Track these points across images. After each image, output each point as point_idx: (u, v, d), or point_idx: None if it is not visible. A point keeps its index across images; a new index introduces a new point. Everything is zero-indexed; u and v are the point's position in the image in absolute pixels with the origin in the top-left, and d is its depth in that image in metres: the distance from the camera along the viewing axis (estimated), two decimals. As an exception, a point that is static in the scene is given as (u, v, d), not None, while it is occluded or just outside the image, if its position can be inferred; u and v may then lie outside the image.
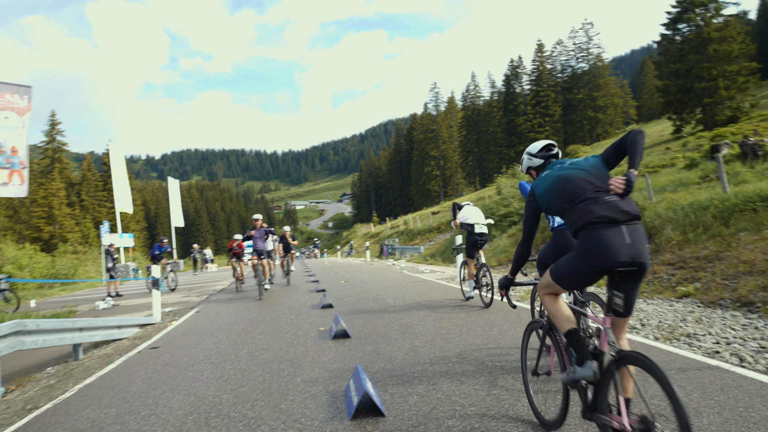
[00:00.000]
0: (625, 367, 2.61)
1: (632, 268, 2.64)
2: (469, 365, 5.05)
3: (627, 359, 2.57)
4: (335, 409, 4.13)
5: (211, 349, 6.85)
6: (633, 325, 6.49)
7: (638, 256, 2.62)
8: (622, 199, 2.73)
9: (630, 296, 2.72)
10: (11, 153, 15.97)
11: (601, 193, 2.79)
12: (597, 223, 2.67)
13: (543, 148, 3.75)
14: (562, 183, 2.98)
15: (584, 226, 2.72)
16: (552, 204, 3.02)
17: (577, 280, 2.90)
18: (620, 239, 2.62)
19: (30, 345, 6.17)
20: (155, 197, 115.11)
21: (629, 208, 2.70)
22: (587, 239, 2.71)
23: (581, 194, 2.85)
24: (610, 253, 2.61)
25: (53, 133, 53.49)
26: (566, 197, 2.91)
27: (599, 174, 2.92)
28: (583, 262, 2.75)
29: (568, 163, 3.14)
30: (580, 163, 3.08)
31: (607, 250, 2.62)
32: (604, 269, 2.69)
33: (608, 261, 2.62)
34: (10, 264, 25.69)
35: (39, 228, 44.27)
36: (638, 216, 2.71)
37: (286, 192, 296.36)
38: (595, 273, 2.73)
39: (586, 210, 2.75)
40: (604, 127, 61.86)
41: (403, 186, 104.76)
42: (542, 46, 69.25)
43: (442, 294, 10.65)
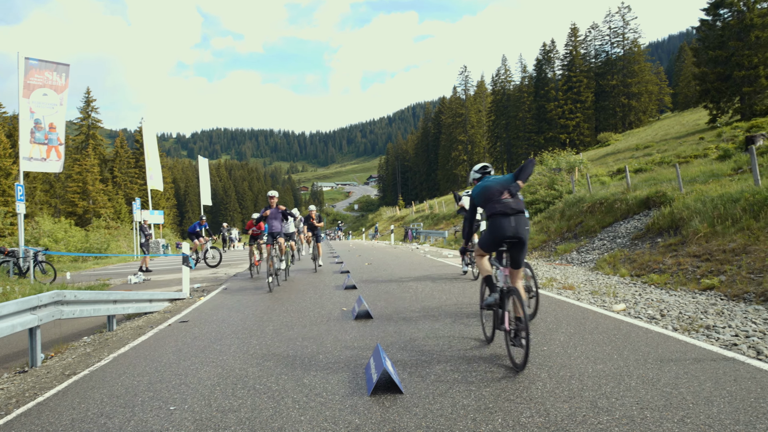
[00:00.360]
0: (512, 297, 4.56)
1: (515, 240, 4.70)
2: (488, 349, 5.17)
3: (510, 292, 4.59)
4: (355, 385, 4.30)
5: (237, 325, 7.10)
6: (652, 315, 6.52)
7: (518, 234, 4.65)
8: (513, 199, 4.73)
9: (517, 257, 4.81)
10: (49, 129, 16.46)
11: (502, 196, 4.77)
12: (495, 215, 4.73)
13: (481, 168, 5.51)
14: (484, 190, 4.97)
15: (490, 216, 4.77)
16: (478, 202, 4.95)
17: (488, 246, 4.99)
18: (508, 224, 4.65)
19: (68, 315, 6.50)
20: (185, 175, 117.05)
21: (516, 206, 4.70)
22: (490, 223, 4.77)
23: (491, 197, 4.83)
24: (501, 232, 4.67)
25: (88, 110, 54.75)
26: (484, 198, 4.90)
27: (507, 184, 4.85)
28: (490, 236, 4.80)
29: (491, 178, 5.08)
30: (499, 177, 5.01)
31: (499, 230, 4.68)
32: (499, 241, 4.75)
33: (501, 236, 4.69)
34: (46, 237, 26.60)
35: (74, 203, 45.59)
36: (522, 211, 4.71)
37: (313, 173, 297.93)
38: (496, 243, 4.82)
39: (492, 207, 4.77)
40: (637, 115, 60.43)
41: (430, 170, 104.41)
42: (576, 30, 67.74)
43: (465, 280, 10.74)
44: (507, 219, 4.65)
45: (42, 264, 15.69)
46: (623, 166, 19.21)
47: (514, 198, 4.74)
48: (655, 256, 10.57)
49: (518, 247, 4.74)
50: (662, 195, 13.22)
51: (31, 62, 15.79)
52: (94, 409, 4.15)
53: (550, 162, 24.46)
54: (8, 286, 10.59)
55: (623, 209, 14.40)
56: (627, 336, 5.41)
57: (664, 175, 16.00)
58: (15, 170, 35.88)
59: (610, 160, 29.52)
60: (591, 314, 6.62)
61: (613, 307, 7.07)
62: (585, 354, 4.81)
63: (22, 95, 15.53)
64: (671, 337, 5.35)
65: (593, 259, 12.76)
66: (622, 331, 5.65)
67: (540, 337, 5.50)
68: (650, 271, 9.97)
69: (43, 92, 16.21)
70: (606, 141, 48.48)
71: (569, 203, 17.89)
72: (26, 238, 23.87)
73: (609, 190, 16.42)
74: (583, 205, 16.64)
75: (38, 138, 16.01)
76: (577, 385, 4.00)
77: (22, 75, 15.46)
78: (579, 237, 15.20)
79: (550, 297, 8.06)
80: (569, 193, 19.71)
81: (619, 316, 6.48)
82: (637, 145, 32.03)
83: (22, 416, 4.15)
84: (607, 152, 35.74)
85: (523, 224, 4.66)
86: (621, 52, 63.39)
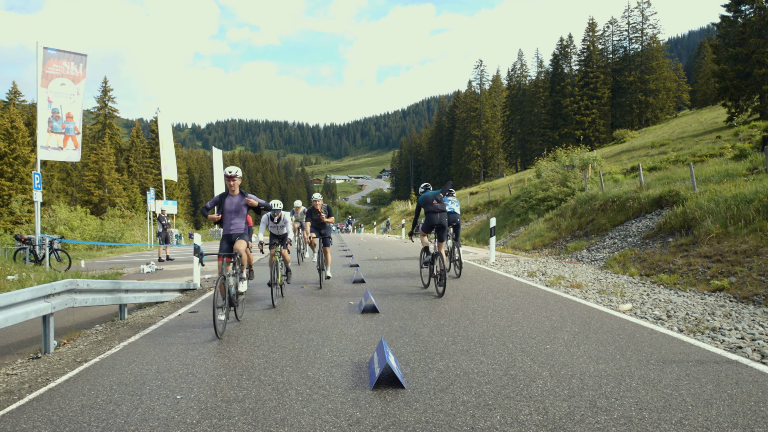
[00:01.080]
0: (437, 258, 8.26)
1: (439, 226, 8.57)
2: (490, 346, 5.21)
3: (437, 255, 8.28)
4: (358, 379, 4.37)
5: (246, 317, 7.20)
6: (659, 316, 6.50)
7: (441, 223, 8.55)
8: (439, 204, 8.66)
9: (441, 235, 8.61)
10: (66, 119, 16.68)
11: (434, 202, 8.67)
12: (429, 212, 8.64)
13: (424, 186, 9.45)
14: (425, 198, 8.85)
15: (427, 213, 8.69)
16: (422, 205, 8.87)
17: (426, 229, 8.70)
18: (435, 217, 8.55)
19: (81, 303, 6.63)
20: (199, 166, 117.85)
21: (441, 207, 8.62)
22: (427, 217, 8.70)
23: (428, 202, 8.72)
24: (432, 222, 8.59)
25: (105, 100, 55.35)
26: (424, 203, 8.79)
27: (435, 195, 8.78)
28: (426, 224, 8.67)
29: (429, 192, 8.95)
30: (432, 191, 8.91)
31: (431, 221, 8.59)
32: (431, 226, 8.61)
33: (431, 224, 8.60)
34: (62, 225, 27.01)
35: (89, 191, 46.17)
36: (443, 210, 8.63)
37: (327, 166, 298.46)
38: (430, 227, 8.63)
39: (428, 207, 8.70)
40: (654, 112, 59.69)
41: (443, 164, 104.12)
42: (594, 25, 66.98)
43: (473, 275, 10.76)
44: (435, 215, 8.64)
45: (57, 252, 15.95)
46: (637, 164, 19.05)
47: (440, 203, 8.74)
48: (665, 255, 10.51)
49: (441, 230, 8.67)
50: (675, 194, 13.12)
51: (50, 52, 16.00)
52: (104, 396, 4.25)
53: (563, 158, 24.31)
54: (24, 273, 10.80)
55: (635, 208, 14.31)
56: (631, 336, 5.42)
57: (678, 174, 15.85)
58: (33, 158, 36.40)
59: (624, 158, 29.26)
60: (597, 314, 6.62)
61: (619, 307, 7.06)
62: (588, 353, 4.83)
63: (41, 85, 15.74)
64: (676, 338, 5.35)
65: (603, 257, 12.71)
66: (627, 331, 5.66)
67: (543, 336, 5.52)
68: (660, 270, 9.93)
69: (60, 82, 16.42)
70: (621, 138, 48.02)
71: (581, 201, 17.80)
72: (43, 226, 24.26)
73: (622, 189, 16.31)
74: (595, 203, 16.55)
75: (56, 127, 16.24)
76: (577, 384, 4.03)
77: (41, 65, 15.67)
78: (590, 235, 15.13)
79: (557, 295, 8.07)
80: (582, 190, 19.60)
81: (624, 316, 6.48)
82: (652, 142, 31.70)
83: (34, 401, 4.27)
84: (622, 149, 35.41)
85: (444, 217, 8.66)
86: (639, 47, 62.60)
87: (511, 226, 23.05)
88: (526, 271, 11.28)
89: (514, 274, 10.97)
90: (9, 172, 37.55)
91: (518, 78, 79.61)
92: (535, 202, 22.22)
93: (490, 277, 10.39)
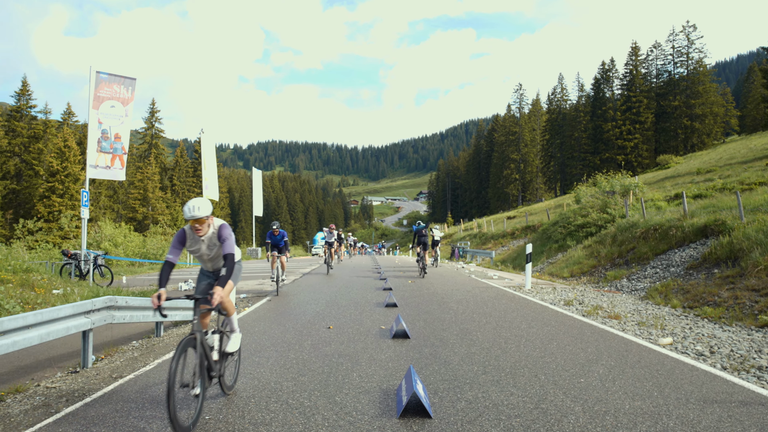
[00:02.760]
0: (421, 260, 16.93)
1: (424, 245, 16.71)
2: (522, 377, 5.09)
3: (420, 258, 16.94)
4: (385, 407, 4.33)
5: (277, 338, 7.25)
6: (701, 351, 6.24)
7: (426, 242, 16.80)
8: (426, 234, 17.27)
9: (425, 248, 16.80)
10: (114, 139, 17.37)
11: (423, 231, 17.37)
12: (419, 236, 17.30)
13: (419, 221, 18.94)
14: (417, 230, 17.90)
15: (418, 237, 17.46)
16: (415, 233, 18.08)
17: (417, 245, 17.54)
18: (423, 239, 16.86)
19: (119, 319, 6.82)
20: (240, 185, 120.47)
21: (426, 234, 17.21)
22: (417, 239, 17.52)
23: (420, 233, 17.30)
24: (420, 240, 17.04)
25: (152, 120, 57.36)
26: (417, 234, 17.67)
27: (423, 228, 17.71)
28: (417, 242, 17.42)
29: (421, 225, 18.02)
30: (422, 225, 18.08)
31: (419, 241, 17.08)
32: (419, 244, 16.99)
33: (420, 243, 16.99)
34: (107, 241, 27.93)
35: (134, 209, 47.70)
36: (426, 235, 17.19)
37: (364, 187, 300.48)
38: (418, 244, 17.14)
39: (419, 233, 17.47)
40: (700, 137, 58.01)
41: (481, 188, 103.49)
42: (637, 49, 65.98)
43: (507, 302, 10.59)
44: (424, 237, 16.85)
45: (101, 267, 16.48)
46: (681, 191, 18.49)
47: (426, 234, 17.06)
48: (710, 287, 10.12)
49: (425, 246, 16.65)
50: (721, 223, 12.66)
51: (102, 76, 16.76)
52: (136, 413, 4.34)
53: (603, 184, 23.83)
54: (69, 288, 11.18)
55: (679, 237, 13.86)
56: (670, 372, 5.22)
57: (725, 203, 15.31)
58: (83, 176, 37.92)
59: (668, 185, 28.48)
60: (635, 347, 6.41)
61: (659, 341, 6.82)
62: (623, 389, 4.66)
63: (92, 107, 16.48)
64: (718, 376, 5.12)
65: (644, 287, 12.33)
66: (666, 366, 5.45)
67: (578, 369, 5.37)
68: (704, 303, 9.55)
69: (110, 104, 17.15)
70: (665, 164, 46.80)
71: (622, 228, 17.37)
72: (89, 242, 25.12)
73: (664, 216, 15.84)
74: (636, 231, 16.12)
75: (104, 147, 16.92)
76: (611, 421, 3.89)
77: (93, 88, 16.42)
78: (630, 264, 14.72)
79: (594, 326, 7.85)
80: (622, 217, 19.13)
81: (664, 350, 6.25)
82: (698, 169, 30.79)
83: (70, 416, 4.38)
84: (666, 175, 34.50)
85: (428, 239, 17.98)
86: (684, 72, 61.26)
87: (549, 252, 22.64)
88: (563, 300, 11.03)
89: (550, 302, 10.74)
90: (60, 189, 39.22)
91: (558, 102, 78.85)
92: (574, 228, 21.79)
93: (525, 305, 10.19)
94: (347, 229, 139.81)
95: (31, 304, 9.15)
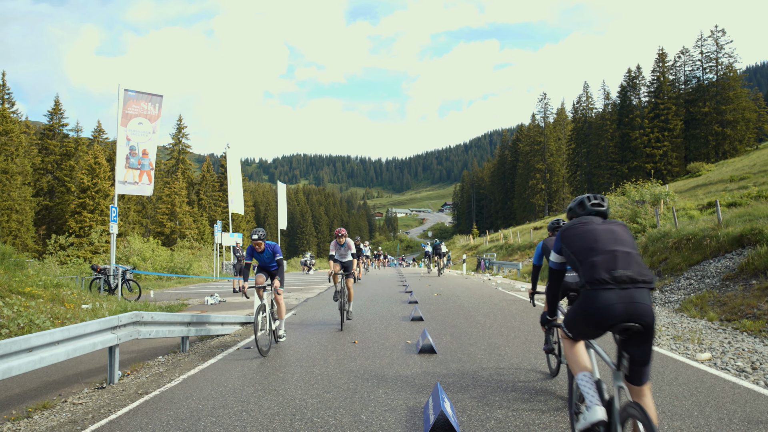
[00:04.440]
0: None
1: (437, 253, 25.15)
2: (554, 395, 4.91)
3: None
4: (412, 425, 4.20)
5: (302, 353, 7.18)
6: (742, 367, 5.96)
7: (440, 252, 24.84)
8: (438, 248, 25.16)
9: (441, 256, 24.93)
10: (142, 155, 17.68)
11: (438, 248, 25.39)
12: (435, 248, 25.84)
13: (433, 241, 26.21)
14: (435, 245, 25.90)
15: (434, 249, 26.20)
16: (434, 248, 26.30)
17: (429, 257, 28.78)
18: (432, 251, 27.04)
19: (144, 335, 6.83)
20: (265, 199, 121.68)
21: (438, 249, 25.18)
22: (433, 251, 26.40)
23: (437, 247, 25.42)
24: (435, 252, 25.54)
25: (179, 136, 58.44)
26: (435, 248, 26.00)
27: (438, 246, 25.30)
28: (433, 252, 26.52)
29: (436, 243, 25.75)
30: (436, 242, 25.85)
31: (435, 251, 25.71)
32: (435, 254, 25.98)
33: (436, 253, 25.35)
34: (135, 255, 28.37)
35: (162, 223, 48.47)
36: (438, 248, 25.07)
37: (388, 199, 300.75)
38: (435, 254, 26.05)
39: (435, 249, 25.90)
40: (732, 144, 56.56)
41: (506, 198, 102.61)
42: (664, 55, 64.93)
43: (536, 315, 10.35)
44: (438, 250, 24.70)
45: (129, 282, 16.69)
46: (714, 199, 17.97)
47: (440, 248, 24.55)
48: (748, 299, 9.73)
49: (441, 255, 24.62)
50: (758, 232, 12.21)
51: (130, 94, 17.10)
52: (160, 431, 4.29)
53: (632, 193, 23.35)
54: (97, 303, 11.32)
55: (713, 246, 13.42)
56: (711, 390, 4.97)
57: (762, 211, 14.80)
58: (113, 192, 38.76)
59: (700, 193, 27.78)
60: (671, 362, 6.15)
61: (696, 356, 6.54)
62: (661, 408, 4.45)
63: (121, 124, 16.80)
64: (762, 394, 4.86)
65: (678, 299, 11.94)
66: (706, 384, 5.20)
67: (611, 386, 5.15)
68: (743, 316, 9.18)
69: (138, 121, 17.48)
70: (696, 171, 45.73)
71: (653, 238, 16.92)
72: (118, 256, 25.54)
73: (697, 226, 15.38)
74: (668, 241, 15.68)
75: (132, 163, 17.22)
76: (650, 443, 3.69)
77: (121, 105, 16.75)
78: (662, 275, 14.30)
79: (627, 340, 7.58)
80: (653, 227, 18.66)
81: (703, 366, 5.98)
82: (731, 176, 29.97)
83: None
84: (697, 183, 33.68)
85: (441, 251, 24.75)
86: (714, 77, 59.95)
87: (577, 263, 22.21)
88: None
89: (580, 315, 10.46)
90: (91, 204, 40.09)
91: (584, 110, 77.95)
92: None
93: (554, 318, 9.95)
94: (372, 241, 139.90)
95: (61, 319, 9.27)
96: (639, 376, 2.87)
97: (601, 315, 2.79)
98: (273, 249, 7.86)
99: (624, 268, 2.82)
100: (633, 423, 2.66)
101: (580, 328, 3.05)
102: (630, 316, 2.72)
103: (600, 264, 2.88)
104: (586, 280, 2.89)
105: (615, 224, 3.17)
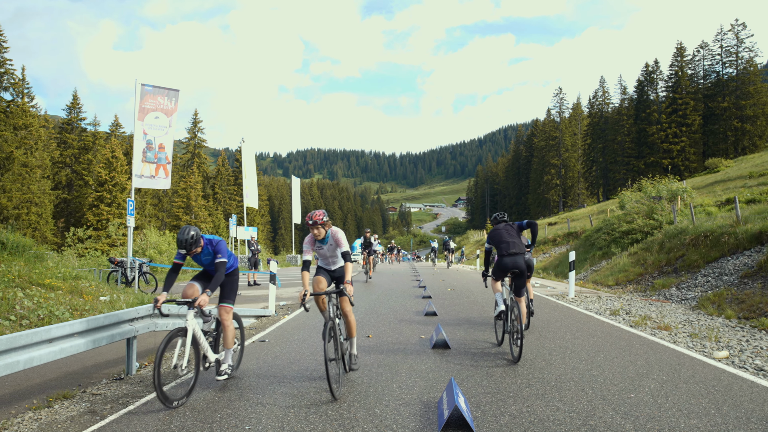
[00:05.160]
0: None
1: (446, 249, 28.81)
2: (568, 391, 4.90)
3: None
4: (426, 420, 4.22)
5: (317, 346, 7.22)
6: (761, 366, 5.89)
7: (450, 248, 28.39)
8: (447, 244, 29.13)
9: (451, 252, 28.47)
10: (159, 149, 17.83)
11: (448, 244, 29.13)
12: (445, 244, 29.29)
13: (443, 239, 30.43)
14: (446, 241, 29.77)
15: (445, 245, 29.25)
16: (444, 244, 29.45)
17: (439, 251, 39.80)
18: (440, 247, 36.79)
19: (162, 327, 6.92)
20: (279, 193, 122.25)
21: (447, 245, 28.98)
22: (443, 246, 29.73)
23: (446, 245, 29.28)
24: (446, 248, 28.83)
25: (195, 131, 58.89)
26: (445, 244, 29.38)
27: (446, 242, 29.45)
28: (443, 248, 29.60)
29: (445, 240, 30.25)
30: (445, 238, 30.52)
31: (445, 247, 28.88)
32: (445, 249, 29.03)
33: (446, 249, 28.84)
34: (152, 248, 28.66)
35: (178, 217, 48.94)
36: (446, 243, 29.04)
37: (402, 194, 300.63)
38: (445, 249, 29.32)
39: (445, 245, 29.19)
40: (752, 140, 55.60)
41: (520, 194, 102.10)
42: (682, 49, 63.92)
43: (550, 311, 10.31)
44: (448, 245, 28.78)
45: (146, 275, 16.89)
46: (733, 195, 17.73)
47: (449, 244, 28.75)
48: (767, 297, 9.61)
49: (451, 251, 28.52)
50: (777, 230, 12.04)
51: (146, 88, 17.24)
52: (177, 422, 4.36)
53: (649, 189, 23.10)
54: (115, 295, 11.48)
55: (731, 243, 13.26)
56: (728, 389, 4.93)
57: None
58: (130, 185, 39.22)
59: (718, 189, 27.40)
60: (687, 360, 6.10)
61: (714, 354, 6.48)
62: (677, 406, 4.42)
63: (137, 118, 16.96)
64: (781, 393, 4.81)
65: (695, 296, 11.82)
66: (723, 382, 5.15)
67: (627, 383, 5.13)
68: (761, 314, 9.07)
69: (155, 115, 17.62)
70: (715, 167, 45.07)
71: (670, 234, 16.75)
72: (134, 249, 25.83)
73: (715, 222, 15.20)
74: (685, 238, 15.51)
75: (149, 157, 17.38)
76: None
77: (138, 100, 16.91)
78: (679, 272, 14.16)
79: (642, 337, 7.53)
80: (670, 223, 18.46)
81: (720, 364, 5.93)
82: (751, 172, 29.50)
83: (114, 423, 4.44)
84: (716, 180, 33.21)
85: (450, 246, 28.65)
86: (734, 72, 58.94)
87: (592, 260, 22.05)
88: (609, 309, 10.67)
89: (595, 311, 10.40)
90: (108, 198, 40.61)
91: (600, 105, 77.11)
92: (619, 234, 21.16)
93: (569, 315, 9.90)
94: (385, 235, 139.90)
95: (80, 311, 9.42)
96: (518, 292, 6.60)
97: (505, 267, 6.66)
98: (215, 247, 5.63)
99: (512, 248, 6.65)
100: (513, 312, 6.23)
101: (497, 273, 6.86)
102: (514, 267, 6.58)
103: (503, 247, 6.71)
104: (499, 254, 6.76)
105: (509, 226, 6.98)
